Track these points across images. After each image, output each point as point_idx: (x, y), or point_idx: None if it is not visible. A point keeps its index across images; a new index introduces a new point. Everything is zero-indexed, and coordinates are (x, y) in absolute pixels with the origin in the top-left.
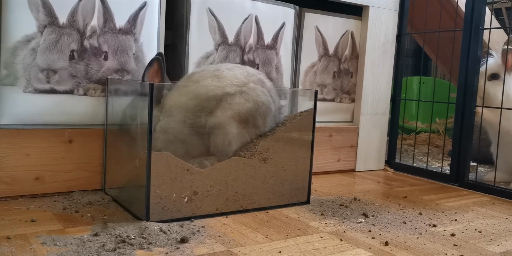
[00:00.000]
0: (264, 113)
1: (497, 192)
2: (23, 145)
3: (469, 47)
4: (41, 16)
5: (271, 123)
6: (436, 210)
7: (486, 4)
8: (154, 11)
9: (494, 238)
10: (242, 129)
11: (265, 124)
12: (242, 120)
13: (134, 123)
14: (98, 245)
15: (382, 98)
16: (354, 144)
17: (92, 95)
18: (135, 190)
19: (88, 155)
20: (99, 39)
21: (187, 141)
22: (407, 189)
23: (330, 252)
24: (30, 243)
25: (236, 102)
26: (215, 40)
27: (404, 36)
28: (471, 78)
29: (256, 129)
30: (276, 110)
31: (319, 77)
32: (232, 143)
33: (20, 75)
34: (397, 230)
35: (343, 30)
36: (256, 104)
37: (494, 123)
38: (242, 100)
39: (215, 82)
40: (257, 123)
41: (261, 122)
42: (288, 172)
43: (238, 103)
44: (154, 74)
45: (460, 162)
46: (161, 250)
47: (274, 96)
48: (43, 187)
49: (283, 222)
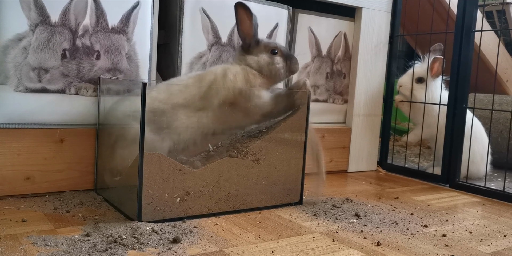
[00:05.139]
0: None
1: (488, 193)
2: (14, 144)
3: (461, 49)
4: (32, 14)
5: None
6: (428, 210)
7: (478, 7)
8: (147, 10)
9: (484, 238)
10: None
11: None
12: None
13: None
14: (89, 245)
15: (375, 99)
16: (347, 145)
17: (84, 95)
18: (127, 190)
19: (79, 155)
20: (91, 38)
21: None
22: (399, 190)
23: (322, 252)
24: (21, 243)
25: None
26: (208, 40)
27: (396, 38)
28: (462, 80)
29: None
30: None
31: (312, 78)
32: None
33: (11, 74)
34: (389, 230)
35: (336, 31)
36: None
37: (412, 117)
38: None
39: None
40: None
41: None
42: (280, 173)
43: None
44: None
45: (451, 163)
46: (153, 250)
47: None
48: (33, 187)
49: (276, 223)
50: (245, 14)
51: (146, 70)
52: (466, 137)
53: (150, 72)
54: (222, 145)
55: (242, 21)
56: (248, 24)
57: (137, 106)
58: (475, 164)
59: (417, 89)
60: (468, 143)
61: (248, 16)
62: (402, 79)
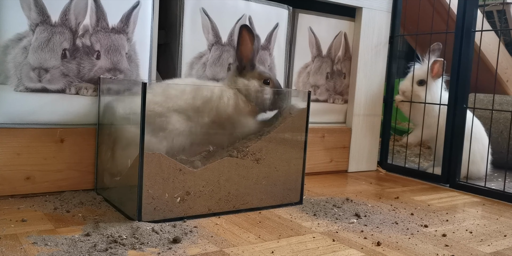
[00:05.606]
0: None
1: (488, 193)
2: (14, 144)
3: (461, 49)
4: (33, 14)
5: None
6: (428, 210)
7: (478, 7)
8: (147, 10)
9: (484, 238)
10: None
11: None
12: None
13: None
14: (89, 245)
15: (375, 99)
16: (347, 145)
17: (84, 94)
18: (127, 190)
19: (79, 154)
20: (91, 38)
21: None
22: (399, 189)
23: (322, 252)
24: (21, 243)
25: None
26: (208, 40)
27: (396, 38)
28: (462, 80)
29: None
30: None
31: (312, 78)
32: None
33: (11, 73)
34: (389, 230)
35: (336, 31)
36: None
37: (412, 118)
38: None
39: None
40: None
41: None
42: (280, 173)
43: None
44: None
45: (451, 163)
46: (153, 250)
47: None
48: (33, 187)
49: (276, 223)
50: (248, 36)
51: (146, 70)
52: (466, 137)
53: (150, 72)
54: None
55: (244, 43)
56: (249, 47)
57: (136, 106)
58: (475, 164)
59: (419, 92)
60: (468, 143)
61: (251, 39)
62: (404, 84)
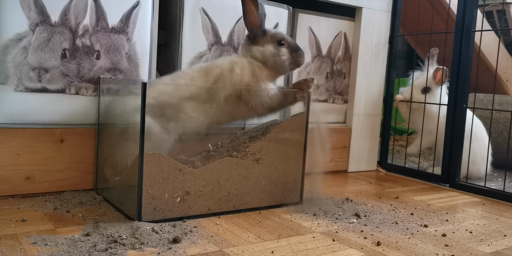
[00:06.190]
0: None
1: (488, 193)
2: (13, 144)
3: (461, 49)
4: (32, 14)
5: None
6: (428, 210)
7: (478, 7)
8: (147, 10)
9: (484, 238)
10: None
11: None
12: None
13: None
14: (89, 245)
15: (375, 99)
16: (347, 144)
17: (84, 94)
18: (127, 190)
19: (79, 154)
20: (91, 38)
21: None
22: (399, 189)
23: (322, 252)
24: (21, 243)
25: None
26: (208, 40)
27: (396, 38)
28: (462, 80)
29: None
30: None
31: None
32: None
33: (11, 73)
34: (389, 230)
35: (336, 31)
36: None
37: (411, 122)
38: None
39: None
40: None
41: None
42: (280, 173)
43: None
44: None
45: (451, 163)
46: (153, 250)
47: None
48: (33, 187)
49: (276, 222)
50: (252, 4)
51: (146, 70)
52: (467, 137)
53: (150, 72)
54: (222, 145)
55: (249, 12)
56: (255, 14)
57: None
58: (475, 164)
59: (423, 100)
60: (468, 143)
61: (255, 6)
62: (408, 93)
